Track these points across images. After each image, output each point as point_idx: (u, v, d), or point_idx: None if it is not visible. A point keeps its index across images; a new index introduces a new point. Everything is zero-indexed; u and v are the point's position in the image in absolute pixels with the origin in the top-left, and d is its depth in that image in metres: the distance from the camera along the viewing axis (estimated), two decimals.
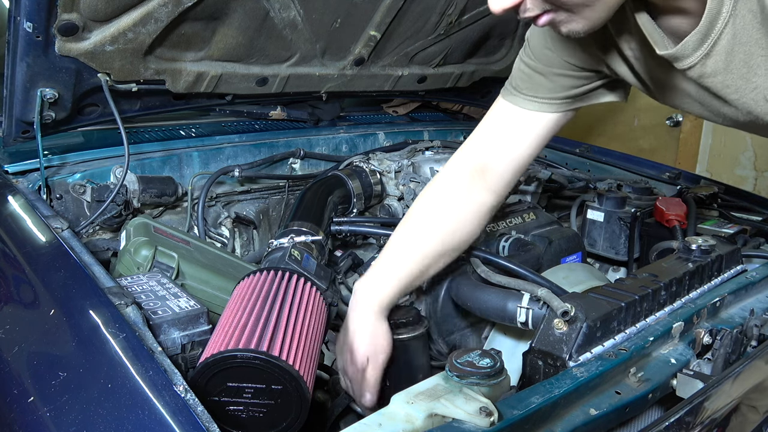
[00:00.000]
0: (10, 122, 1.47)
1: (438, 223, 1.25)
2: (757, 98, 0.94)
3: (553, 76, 1.17)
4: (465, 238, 1.28)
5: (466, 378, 0.85)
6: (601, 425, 0.88)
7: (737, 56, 0.91)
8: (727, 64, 0.93)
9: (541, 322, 1.04)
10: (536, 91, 1.19)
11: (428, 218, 1.26)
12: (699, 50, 0.92)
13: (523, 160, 1.24)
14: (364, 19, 1.87)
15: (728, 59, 0.92)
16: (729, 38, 0.90)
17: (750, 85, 0.93)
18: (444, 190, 1.28)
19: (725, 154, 3.79)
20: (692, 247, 1.28)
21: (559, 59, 1.15)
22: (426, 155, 2.09)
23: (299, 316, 1.04)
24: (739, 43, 0.90)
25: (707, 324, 1.14)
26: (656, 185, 2.16)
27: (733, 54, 0.91)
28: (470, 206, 1.26)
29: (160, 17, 1.48)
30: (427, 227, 1.26)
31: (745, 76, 0.93)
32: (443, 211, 1.26)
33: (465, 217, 1.26)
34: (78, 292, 0.99)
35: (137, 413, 0.75)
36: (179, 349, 0.99)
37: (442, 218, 1.26)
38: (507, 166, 1.24)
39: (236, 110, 2.12)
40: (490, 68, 2.45)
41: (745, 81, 0.93)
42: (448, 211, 1.26)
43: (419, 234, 1.26)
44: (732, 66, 0.93)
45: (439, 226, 1.25)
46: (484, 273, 1.32)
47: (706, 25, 0.90)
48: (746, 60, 0.91)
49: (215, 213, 1.75)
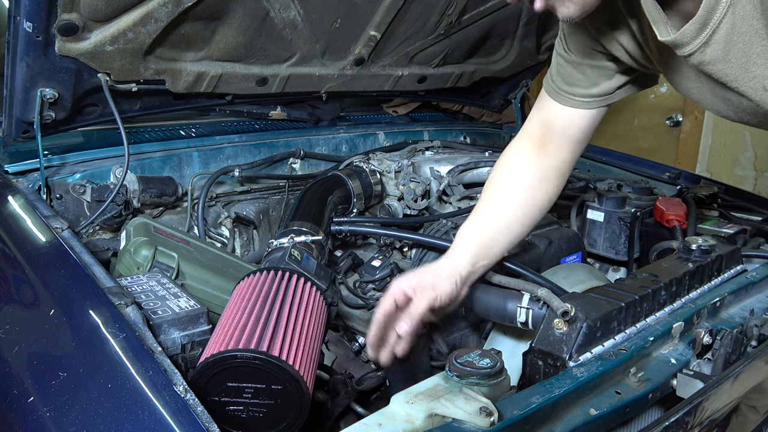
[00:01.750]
0: (10, 122, 1.47)
1: (517, 185, 1.30)
2: (756, 87, 0.95)
3: (584, 67, 1.20)
4: (545, 195, 1.31)
5: (466, 378, 0.85)
6: (601, 425, 0.88)
7: (736, 46, 0.92)
8: (726, 53, 0.93)
9: (541, 322, 1.04)
10: (570, 88, 1.22)
11: (507, 183, 1.31)
12: (698, 38, 0.93)
13: (580, 139, 1.29)
14: (364, 19, 1.87)
15: (727, 48, 0.93)
16: (728, 27, 0.90)
17: (749, 75, 0.94)
18: (514, 159, 1.33)
19: (725, 154, 3.79)
20: (692, 247, 1.28)
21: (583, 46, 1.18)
22: (426, 155, 2.09)
23: (299, 316, 1.04)
24: (738, 32, 0.90)
25: (707, 324, 1.14)
26: (656, 185, 2.17)
27: (731, 43, 0.92)
28: (542, 166, 1.30)
29: (160, 17, 1.48)
30: (508, 190, 1.31)
31: (744, 65, 0.94)
32: (518, 173, 1.31)
33: (541, 174, 1.30)
34: (78, 292, 0.99)
35: (137, 413, 0.75)
36: (179, 349, 0.99)
37: (519, 180, 1.30)
38: (566, 140, 1.28)
39: (236, 110, 2.12)
40: (490, 68, 2.45)
41: (744, 70, 0.94)
42: (523, 173, 1.30)
43: (501, 197, 1.31)
44: (731, 55, 0.93)
45: (519, 187, 1.30)
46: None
47: (704, 14, 0.91)
48: (745, 50, 0.92)
49: (215, 213, 1.75)
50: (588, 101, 1.22)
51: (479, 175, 1.98)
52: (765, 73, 0.93)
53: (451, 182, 1.94)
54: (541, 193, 1.31)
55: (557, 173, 1.31)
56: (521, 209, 1.30)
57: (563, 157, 1.30)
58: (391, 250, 1.73)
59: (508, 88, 2.67)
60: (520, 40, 2.35)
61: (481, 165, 1.97)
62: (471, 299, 1.30)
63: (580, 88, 1.22)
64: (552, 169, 1.30)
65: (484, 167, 1.97)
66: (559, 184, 1.33)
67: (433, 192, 1.92)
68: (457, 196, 1.92)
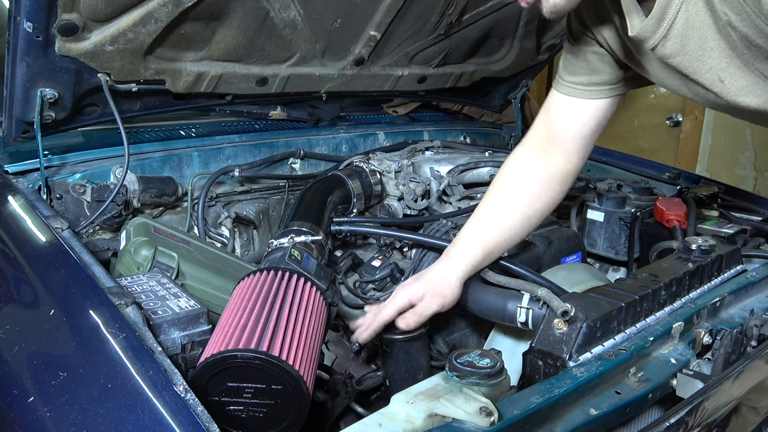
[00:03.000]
0: (10, 122, 1.47)
1: (519, 189, 1.32)
2: (712, 79, 1.00)
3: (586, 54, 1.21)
4: (546, 201, 1.33)
5: (466, 378, 0.85)
6: (601, 425, 0.89)
7: (692, 40, 0.96)
8: (683, 47, 0.98)
9: (541, 322, 1.04)
10: (577, 77, 1.24)
11: (509, 187, 1.33)
12: (657, 32, 0.98)
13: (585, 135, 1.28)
14: (364, 19, 1.87)
15: (683, 42, 0.97)
16: (683, 22, 0.95)
17: (705, 67, 0.99)
18: (517, 163, 1.34)
19: (725, 154, 3.79)
20: (692, 247, 1.28)
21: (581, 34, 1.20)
22: (426, 155, 2.09)
23: (299, 316, 1.04)
24: (692, 27, 0.95)
25: (707, 324, 1.14)
26: (656, 185, 2.16)
27: (687, 37, 0.96)
28: (545, 170, 1.31)
29: (160, 17, 1.47)
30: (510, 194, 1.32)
31: (699, 58, 0.98)
32: (521, 178, 1.33)
33: (543, 180, 1.31)
34: (78, 292, 0.99)
35: (137, 413, 0.75)
36: (179, 349, 0.99)
37: (521, 185, 1.32)
38: (570, 137, 1.29)
39: (236, 110, 2.12)
40: (490, 68, 2.45)
41: (700, 63, 0.99)
42: (526, 178, 1.32)
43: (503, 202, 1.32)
44: (687, 48, 0.98)
45: (520, 191, 1.32)
46: (484, 273, 1.32)
47: (660, 10, 0.96)
48: (700, 43, 0.96)
49: (215, 213, 1.75)
50: (590, 89, 1.23)
51: (479, 175, 1.98)
52: (720, 65, 0.97)
53: (451, 182, 1.94)
54: (542, 198, 1.32)
55: (560, 178, 1.32)
56: (522, 214, 1.31)
57: (567, 160, 1.30)
58: (391, 250, 1.73)
59: (508, 88, 2.67)
60: (520, 40, 2.35)
61: (481, 165, 1.97)
62: (471, 299, 1.30)
63: (582, 76, 1.23)
64: (555, 172, 1.31)
65: (484, 167, 1.97)
66: (561, 190, 1.34)
67: (433, 192, 1.92)
68: (457, 196, 1.92)
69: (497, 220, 1.31)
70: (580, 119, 1.26)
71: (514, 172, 1.34)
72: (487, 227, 1.31)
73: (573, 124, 1.27)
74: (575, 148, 1.29)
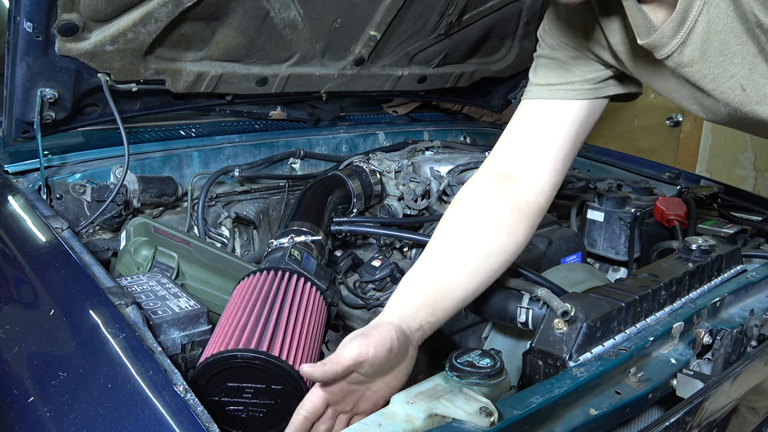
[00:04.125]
0: (10, 122, 1.47)
1: (474, 218, 1.08)
2: (734, 87, 0.93)
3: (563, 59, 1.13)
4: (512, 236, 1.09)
5: (466, 378, 0.85)
6: (601, 425, 0.88)
7: (713, 45, 0.91)
8: (703, 53, 0.92)
9: (541, 322, 1.04)
10: (547, 78, 1.12)
11: (460, 217, 1.10)
12: (675, 38, 0.92)
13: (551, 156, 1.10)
14: (364, 19, 1.87)
15: (704, 47, 0.91)
16: (704, 26, 0.90)
17: (726, 74, 0.93)
18: (471, 193, 1.13)
19: (725, 154, 3.79)
20: (692, 247, 1.28)
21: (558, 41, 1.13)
22: (426, 155, 2.09)
23: (299, 316, 1.04)
24: (714, 31, 0.89)
25: (707, 324, 1.14)
26: (656, 185, 2.17)
27: (708, 42, 0.91)
28: (508, 202, 1.10)
29: (160, 17, 1.47)
30: (462, 225, 1.08)
31: (721, 64, 0.92)
32: (476, 208, 1.10)
33: (505, 212, 1.09)
34: (78, 292, 0.99)
35: (137, 413, 0.75)
36: (179, 349, 0.99)
37: (477, 214, 1.09)
38: (533, 164, 1.11)
39: (236, 110, 2.12)
40: (490, 68, 2.45)
41: (722, 69, 0.93)
42: (483, 208, 1.09)
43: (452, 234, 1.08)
44: (708, 54, 0.92)
45: (476, 220, 1.08)
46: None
47: (681, 12, 0.90)
48: (722, 49, 0.91)
49: (215, 213, 1.75)
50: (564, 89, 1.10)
51: None
52: (742, 72, 0.91)
53: (451, 182, 1.94)
54: (504, 238, 1.08)
55: (526, 213, 1.10)
56: (478, 259, 1.06)
57: (534, 187, 1.10)
58: (391, 250, 1.73)
59: (508, 88, 2.67)
60: (520, 40, 2.35)
61: (481, 165, 1.97)
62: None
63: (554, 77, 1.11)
64: (521, 205, 1.10)
65: None
66: (527, 229, 1.11)
67: (433, 192, 1.92)
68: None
69: (448, 255, 1.04)
70: (552, 127, 1.09)
71: (468, 208, 1.10)
72: (435, 265, 1.03)
73: (544, 135, 1.09)
74: (545, 168, 1.09)
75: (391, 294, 1.01)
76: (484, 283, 1.07)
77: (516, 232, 1.09)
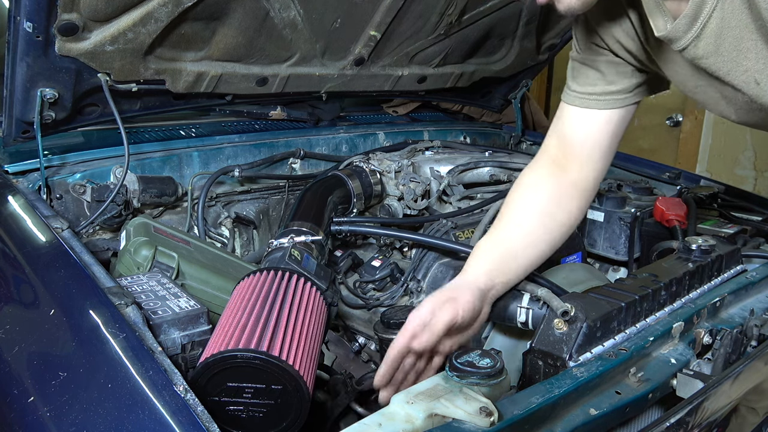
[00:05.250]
0: (10, 122, 1.47)
1: (536, 200, 1.23)
2: (748, 81, 0.96)
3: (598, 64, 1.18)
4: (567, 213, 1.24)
5: (466, 378, 0.85)
6: (601, 425, 0.88)
7: (727, 39, 0.93)
8: (717, 47, 0.94)
9: (541, 322, 1.04)
10: (585, 87, 1.19)
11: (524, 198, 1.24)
12: (689, 32, 0.95)
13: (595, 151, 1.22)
14: (364, 19, 1.87)
15: (718, 42, 0.94)
16: (718, 21, 0.92)
17: (740, 68, 0.95)
18: (530, 180, 1.26)
19: (725, 154, 3.79)
20: (692, 247, 1.28)
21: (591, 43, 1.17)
22: (426, 155, 2.10)
23: (299, 316, 1.04)
24: (728, 26, 0.92)
25: (707, 324, 1.14)
26: (656, 185, 2.16)
27: (722, 37, 0.93)
28: (562, 187, 1.23)
29: (160, 17, 1.47)
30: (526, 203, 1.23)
31: (735, 59, 0.95)
32: (536, 192, 1.24)
33: (560, 195, 1.23)
34: (78, 292, 0.99)
35: (137, 413, 0.75)
36: (179, 349, 0.99)
37: (537, 197, 1.23)
38: (579, 158, 1.22)
39: (236, 110, 2.12)
40: (490, 68, 2.45)
41: (736, 64, 0.95)
42: (541, 192, 1.23)
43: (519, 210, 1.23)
44: (722, 49, 0.94)
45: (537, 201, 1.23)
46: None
47: (694, 8, 0.92)
48: (736, 44, 0.93)
49: (215, 213, 1.75)
50: (605, 99, 1.18)
51: (479, 175, 1.98)
52: (756, 66, 0.94)
53: (451, 182, 1.94)
54: (562, 209, 1.23)
55: (578, 192, 1.24)
56: (541, 221, 1.22)
57: (585, 174, 1.23)
58: (391, 250, 1.73)
59: (508, 88, 2.67)
60: (520, 40, 2.35)
61: (481, 165, 1.97)
62: None
63: (595, 86, 1.18)
64: (572, 187, 1.23)
65: (484, 167, 1.97)
66: (580, 206, 1.25)
67: (433, 192, 1.92)
68: (457, 196, 1.92)
69: (513, 233, 1.21)
70: (597, 130, 1.20)
71: (528, 188, 1.25)
72: (501, 240, 1.21)
73: (589, 137, 1.21)
74: (593, 160, 1.22)
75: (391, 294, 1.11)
76: (546, 251, 1.24)
77: (570, 209, 1.24)
